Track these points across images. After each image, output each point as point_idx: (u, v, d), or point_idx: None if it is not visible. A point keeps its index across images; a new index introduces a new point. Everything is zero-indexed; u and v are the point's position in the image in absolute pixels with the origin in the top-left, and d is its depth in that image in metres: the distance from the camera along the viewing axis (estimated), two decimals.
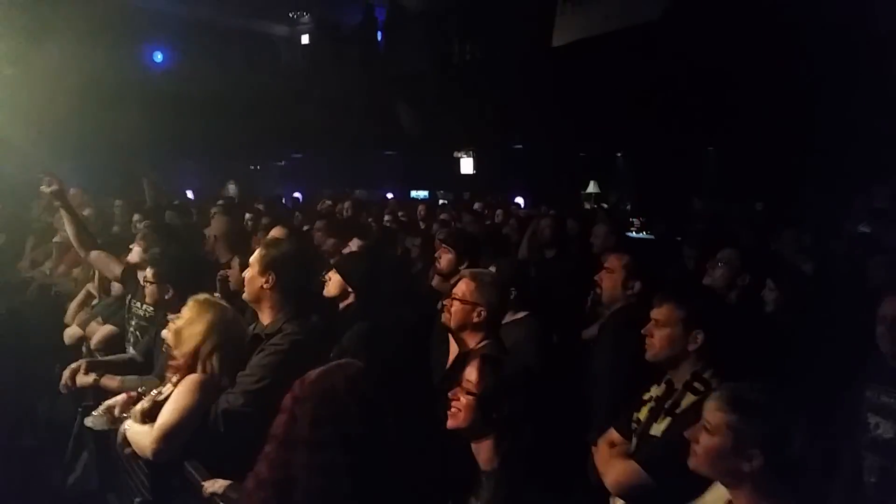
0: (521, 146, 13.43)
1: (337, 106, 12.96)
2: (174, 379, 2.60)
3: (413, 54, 13.51)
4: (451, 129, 12.44)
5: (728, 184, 10.29)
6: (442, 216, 7.59)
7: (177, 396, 2.53)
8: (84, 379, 3.15)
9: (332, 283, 3.09)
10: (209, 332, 2.57)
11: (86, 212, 6.26)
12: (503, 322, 2.83)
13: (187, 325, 2.58)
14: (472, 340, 2.65)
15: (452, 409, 2.12)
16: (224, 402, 2.53)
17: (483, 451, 2.07)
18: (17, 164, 9.77)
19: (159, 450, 2.45)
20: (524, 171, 12.81)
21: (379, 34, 15.17)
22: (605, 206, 11.36)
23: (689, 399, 2.27)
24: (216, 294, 3.59)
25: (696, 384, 2.29)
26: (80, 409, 3.25)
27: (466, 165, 14.33)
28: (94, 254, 4.06)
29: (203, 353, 2.56)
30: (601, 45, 9.85)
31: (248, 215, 6.48)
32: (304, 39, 17.02)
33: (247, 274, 2.82)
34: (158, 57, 15.26)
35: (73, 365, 3.22)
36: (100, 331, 3.91)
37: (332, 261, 3.62)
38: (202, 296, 2.68)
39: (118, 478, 3.04)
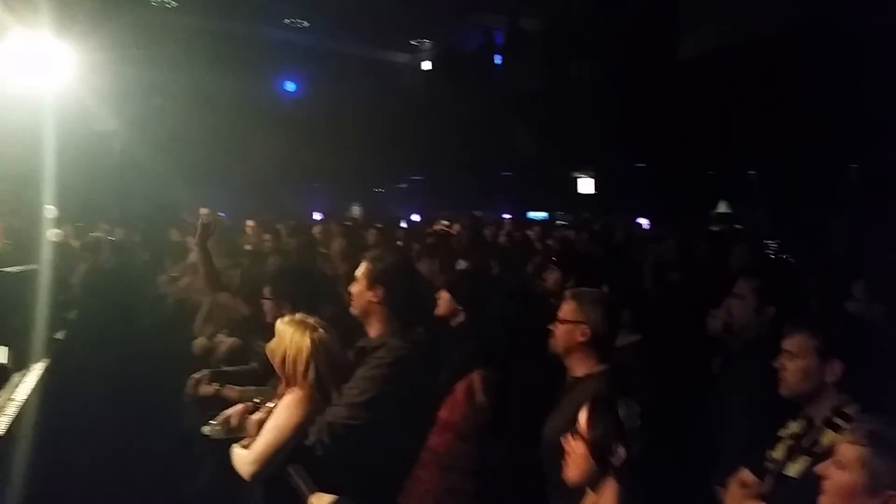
0: (643, 164, 13.00)
1: (455, 128, 13.13)
2: (279, 391, 2.68)
3: (531, 74, 13.50)
4: (569, 148, 12.26)
5: (873, 203, 9.45)
6: (567, 235, 7.45)
7: (274, 416, 2.60)
8: (206, 389, 3.29)
9: (443, 301, 3.08)
10: (301, 350, 2.61)
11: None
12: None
13: (279, 345, 2.65)
14: (582, 365, 2.52)
15: (567, 458, 2.02)
16: (329, 415, 2.55)
17: (604, 501, 1.95)
18: (160, 187, 10.61)
19: (255, 472, 2.53)
20: (647, 191, 12.37)
21: (497, 57, 15.29)
22: (739, 226, 10.72)
23: (829, 437, 2.05)
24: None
25: (837, 420, 2.07)
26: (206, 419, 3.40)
27: (586, 185, 14.03)
28: (221, 296, 4.29)
29: (298, 371, 2.60)
30: (731, 57, 9.40)
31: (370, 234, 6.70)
32: (425, 65, 17.44)
33: (354, 289, 2.84)
34: (291, 87, 16.19)
35: (197, 375, 3.37)
36: (224, 343, 4.10)
37: (442, 279, 3.61)
38: (292, 316, 2.73)
39: (240, 486, 3.15)
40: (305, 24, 15.06)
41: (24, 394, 3.84)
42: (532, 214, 14.04)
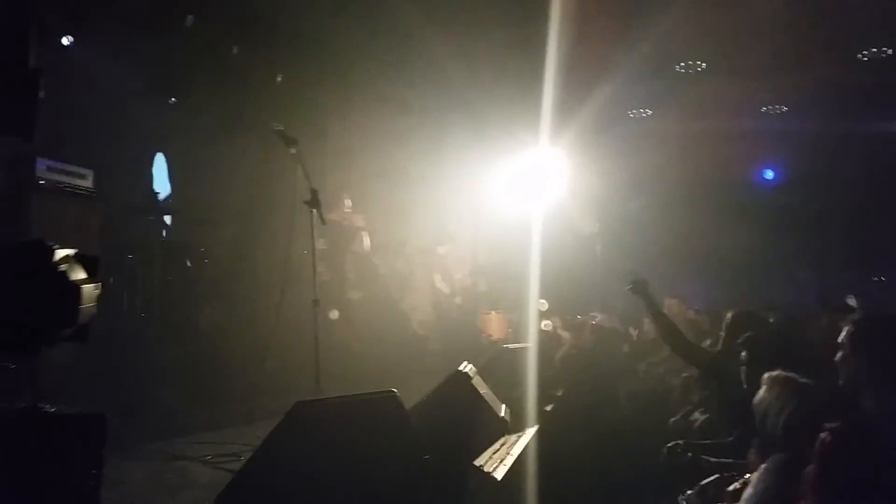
0: None
1: None
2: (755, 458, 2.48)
3: None
4: None
5: None
6: None
7: (754, 483, 2.40)
8: (681, 458, 3.24)
9: None
10: (775, 405, 2.37)
11: (689, 314, 6.65)
12: None
13: (759, 401, 2.46)
14: None
15: None
16: None
17: None
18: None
19: None
20: None
21: None
22: None
23: None
24: None
25: None
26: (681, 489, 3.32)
27: None
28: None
29: (772, 428, 2.36)
30: None
31: None
32: None
33: (838, 356, 2.50)
34: (769, 174, 15.52)
35: (671, 445, 3.35)
36: (698, 420, 4.01)
37: None
38: (776, 373, 2.51)
39: None
40: (784, 108, 14.37)
41: (518, 450, 4.37)
42: None
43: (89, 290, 1.79)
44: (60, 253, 1.75)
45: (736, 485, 2.66)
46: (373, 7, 7.96)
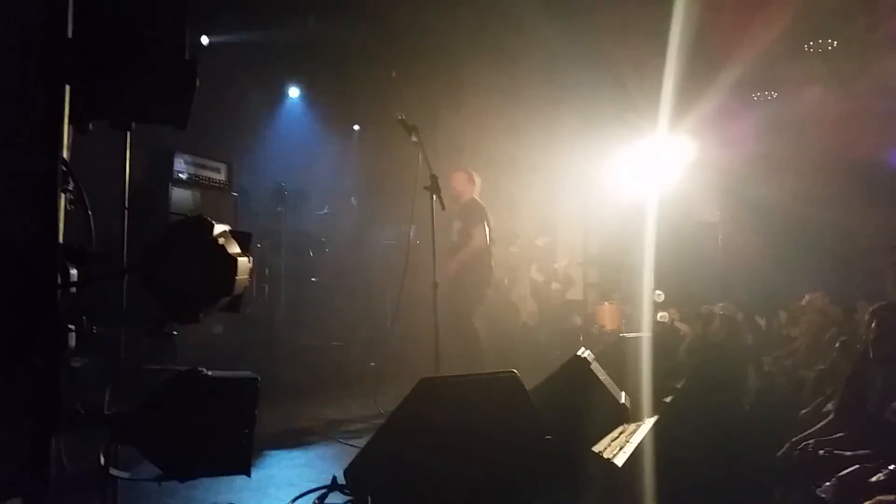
0: None
1: None
2: None
3: None
4: None
5: None
6: None
7: None
8: (813, 456, 3.10)
9: None
10: None
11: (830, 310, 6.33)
12: None
13: None
14: None
15: None
16: None
17: None
18: (761, 273, 10.59)
19: None
20: None
21: None
22: None
23: None
24: None
25: None
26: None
27: None
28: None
29: None
30: None
31: None
32: None
33: None
34: None
35: (801, 445, 3.20)
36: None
37: None
38: None
39: None
40: None
41: (637, 439, 4.30)
42: None
43: (243, 262, 1.94)
44: (218, 228, 1.91)
45: (880, 475, 2.50)
46: None
